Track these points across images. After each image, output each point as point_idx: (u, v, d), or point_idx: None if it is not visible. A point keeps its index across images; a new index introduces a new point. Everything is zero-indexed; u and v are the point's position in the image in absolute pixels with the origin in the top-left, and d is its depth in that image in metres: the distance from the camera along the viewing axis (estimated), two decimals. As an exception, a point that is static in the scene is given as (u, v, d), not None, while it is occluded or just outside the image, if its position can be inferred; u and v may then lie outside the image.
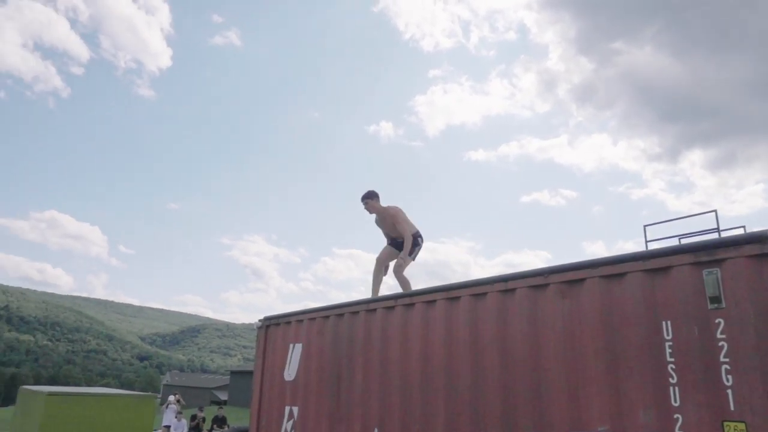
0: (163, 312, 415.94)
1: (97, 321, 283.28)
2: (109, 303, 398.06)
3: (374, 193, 6.27)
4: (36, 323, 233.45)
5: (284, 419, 6.07)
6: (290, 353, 6.31)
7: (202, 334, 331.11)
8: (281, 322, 6.69)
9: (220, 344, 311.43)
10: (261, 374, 6.75)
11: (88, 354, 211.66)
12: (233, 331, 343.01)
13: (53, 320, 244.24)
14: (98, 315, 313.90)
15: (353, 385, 5.29)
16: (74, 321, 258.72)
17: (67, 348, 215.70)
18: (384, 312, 5.20)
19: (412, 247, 6.14)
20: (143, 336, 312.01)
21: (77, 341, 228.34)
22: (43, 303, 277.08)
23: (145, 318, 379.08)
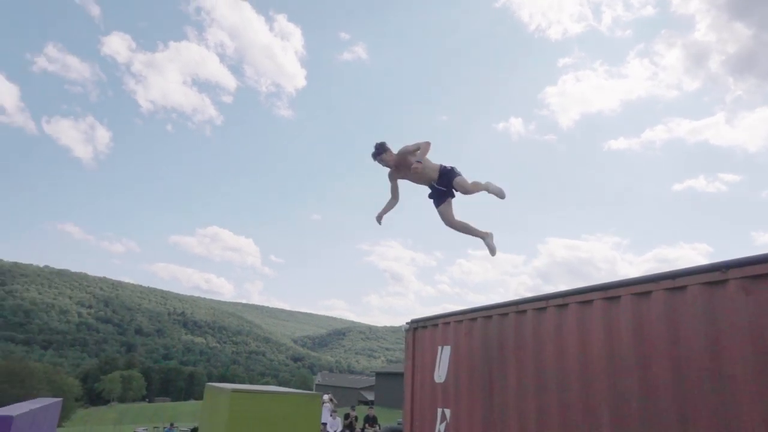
0: (312, 316, 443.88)
1: (255, 325, 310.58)
2: (264, 308, 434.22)
3: (383, 145, 5.04)
4: (206, 327, 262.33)
5: (437, 421, 6.12)
6: (439, 355, 6.35)
7: (348, 336, 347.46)
8: (428, 325, 6.76)
9: (365, 346, 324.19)
10: (411, 376, 6.88)
11: (250, 355, 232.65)
12: (376, 333, 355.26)
13: (220, 324, 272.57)
14: (256, 319, 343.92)
15: (506, 387, 5.17)
16: (237, 325, 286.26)
17: (232, 349, 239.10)
18: (535, 313, 5.02)
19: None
20: (295, 338, 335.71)
21: (240, 343, 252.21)
22: (211, 309, 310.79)
23: (295, 322, 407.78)
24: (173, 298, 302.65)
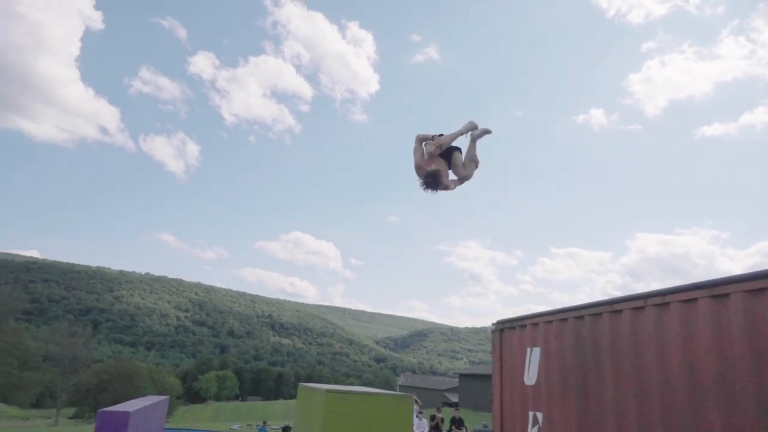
0: (393, 317, 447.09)
1: (338, 327, 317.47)
2: (347, 310, 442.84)
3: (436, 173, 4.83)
4: (292, 329, 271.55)
5: (529, 424, 5.95)
6: (528, 357, 6.18)
7: (429, 337, 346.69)
8: (516, 326, 6.60)
9: (446, 348, 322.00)
10: (500, 378, 6.74)
11: (334, 356, 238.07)
12: (457, 335, 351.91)
13: (305, 326, 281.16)
14: (339, 321, 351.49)
15: (603, 391, 4.93)
16: (321, 327, 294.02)
17: (317, 350, 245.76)
18: (632, 313, 4.75)
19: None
20: (377, 340, 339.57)
21: (324, 344, 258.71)
22: (296, 311, 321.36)
23: (377, 323, 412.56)
24: (261, 301, 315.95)
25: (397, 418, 3.20)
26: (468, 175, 4.99)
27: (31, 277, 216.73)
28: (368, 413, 3.09)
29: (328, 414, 2.94)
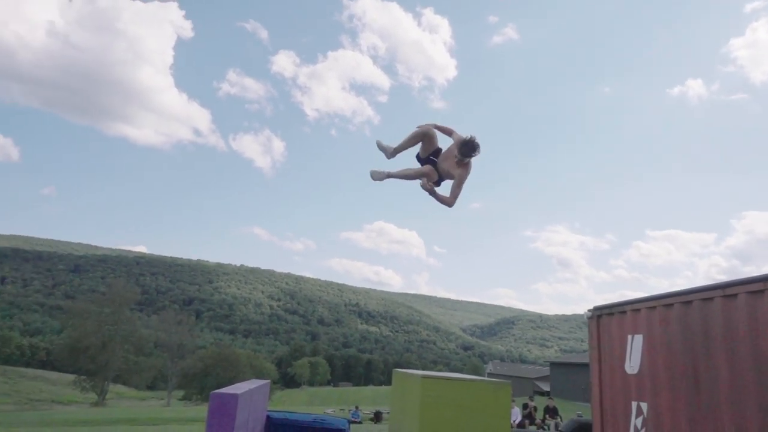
0: (479, 305, 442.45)
1: (424, 314, 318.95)
2: (432, 298, 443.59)
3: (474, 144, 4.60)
4: (379, 317, 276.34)
5: (632, 415, 5.66)
6: (630, 345, 5.86)
7: (517, 325, 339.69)
8: (615, 312, 6.28)
9: (535, 335, 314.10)
10: (598, 366, 6.46)
11: (422, 344, 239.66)
12: (546, 322, 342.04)
13: (391, 314, 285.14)
14: (425, 309, 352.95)
15: (717, 383, 4.58)
16: (407, 315, 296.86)
17: (404, 338, 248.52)
18: (748, 297, 4.36)
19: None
20: (464, 327, 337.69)
21: (411, 332, 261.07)
22: (382, 300, 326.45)
23: (463, 311, 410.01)
24: (348, 290, 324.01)
25: (495, 406, 3.15)
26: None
27: (140, 271, 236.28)
28: (465, 399, 3.07)
29: (425, 399, 2.95)
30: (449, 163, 4.63)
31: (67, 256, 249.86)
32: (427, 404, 2.96)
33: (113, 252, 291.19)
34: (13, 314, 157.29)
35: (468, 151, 4.46)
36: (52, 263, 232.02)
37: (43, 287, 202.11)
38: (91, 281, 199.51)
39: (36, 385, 76.52)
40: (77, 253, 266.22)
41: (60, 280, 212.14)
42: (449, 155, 4.64)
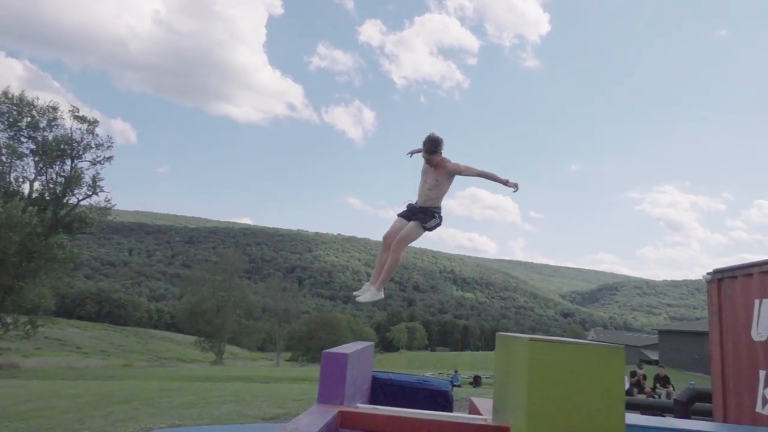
0: (579, 271, 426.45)
1: (521, 281, 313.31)
2: (529, 264, 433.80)
3: (442, 142, 4.23)
4: (474, 283, 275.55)
5: (759, 385, 5.22)
6: (757, 310, 5.37)
7: (621, 291, 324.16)
8: (739, 275, 5.77)
9: (642, 302, 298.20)
10: (719, 333, 6.00)
11: (518, 310, 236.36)
12: (654, 288, 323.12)
13: (486, 281, 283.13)
14: (521, 275, 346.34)
15: None
16: (503, 281, 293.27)
17: (501, 304, 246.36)
18: None
19: (437, 221, 4.29)
20: (563, 294, 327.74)
21: (508, 299, 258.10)
22: (477, 267, 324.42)
23: (562, 277, 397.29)
24: (442, 257, 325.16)
25: (607, 370, 3.01)
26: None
27: (246, 241, 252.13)
28: (576, 363, 2.96)
29: (533, 362, 2.89)
30: (427, 177, 4.33)
31: (182, 229, 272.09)
32: (535, 368, 2.89)
33: (222, 224, 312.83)
34: (140, 282, 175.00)
35: (429, 146, 4.12)
36: (170, 236, 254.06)
37: (164, 257, 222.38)
38: (203, 251, 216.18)
39: (163, 344, 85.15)
40: (191, 226, 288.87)
41: (177, 251, 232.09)
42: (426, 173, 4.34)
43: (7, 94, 29.89)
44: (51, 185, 31.30)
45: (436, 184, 4.27)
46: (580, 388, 2.94)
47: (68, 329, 71.54)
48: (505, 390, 3.32)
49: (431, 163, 4.22)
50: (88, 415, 7.40)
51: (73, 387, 12.17)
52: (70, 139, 31.32)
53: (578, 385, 2.95)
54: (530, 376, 2.92)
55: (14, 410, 8.31)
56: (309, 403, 7.69)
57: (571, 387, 2.93)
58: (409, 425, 3.13)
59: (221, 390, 10.54)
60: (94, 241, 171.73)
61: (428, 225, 4.13)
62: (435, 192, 4.30)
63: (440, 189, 4.26)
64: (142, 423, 6.54)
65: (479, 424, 3.21)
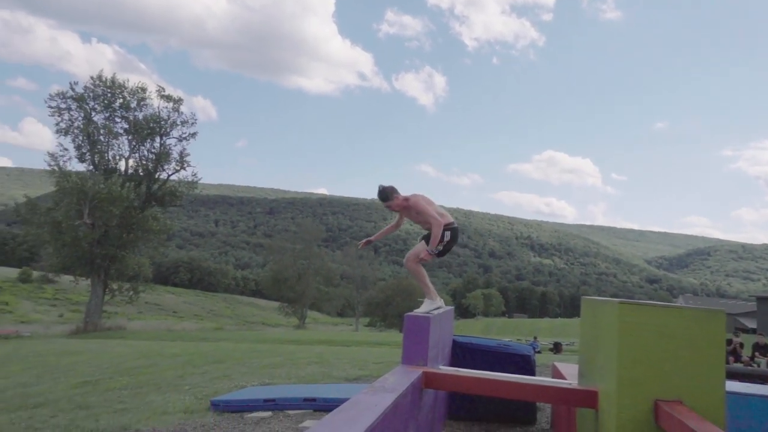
0: (666, 235, 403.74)
1: (602, 246, 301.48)
2: (610, 229, 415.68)
3: (389, 190, 4.54)
4: (552, 249, 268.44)
5: None
6: None
7: (714, 256, 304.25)
8: None
9: (737, 267, 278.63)
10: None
11: (600, 276, 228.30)
12: (752, 252, 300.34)
13: (565, 246, 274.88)
14: (602, 240, 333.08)
15: None
16: (583, 246, 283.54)
17: (581, 270, 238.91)
18: None
19: (439, 239, 4.37)
20: (648, 259, 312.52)
21: (588, 265, 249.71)
22: (555, 232, 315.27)
23: (647, 241, 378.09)
24: (518, 223, 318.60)
25: (706, 336, 2.86)
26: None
27: (323, 211, 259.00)
28: (671, 327, 2.83)
29: (623, 326, 2.80)
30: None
31: (262, 200, 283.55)
32: (626, 331, 2.81)
33: (299, 195, 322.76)
34: (226, 251, 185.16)
35: (380, 198, 4.56)
36: (251, 207, 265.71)
37: (247, 228, 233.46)
38: (283, 221, 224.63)
39: (249, 309, 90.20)
40: (270, 197, 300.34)
41: (259, 221, 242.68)
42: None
43: (101, 77, 32.00)
44: (143, 162, 33.45)
45: (415, 220, 4.70)
46: (675, 354, 2.82)
47: (165, 295, 77.37)
48: (592, 354, 3.24)
49: (392, 209, 4.60)
50: (187, 372, 8.03)
51: (173, 347, 13.22)
52: (158, 117, 33.16)
53: (673, 350, 2.83)
54: (621, 340, 2.84)
55: (125, 366, 9.17)
56: (389, 366, 7.90)
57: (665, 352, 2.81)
58: (494, 387, 3.15)
59: (305, 352, 11.04)
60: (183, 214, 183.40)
61: (429, 249, 4.40)
62: (421, 223, 4.67)
63: (420, 219, 4.61)
64: (235, 381, 7.01)
65: (565, 388, 3.17)
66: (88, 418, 5.14)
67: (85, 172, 30.92)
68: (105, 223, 29.66)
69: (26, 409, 5.89)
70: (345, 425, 1.72)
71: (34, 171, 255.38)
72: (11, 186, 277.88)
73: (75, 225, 29.11)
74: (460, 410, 5.05)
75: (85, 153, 31.30)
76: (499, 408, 4.99)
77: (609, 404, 2.74)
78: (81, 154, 31.28)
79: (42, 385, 7.78)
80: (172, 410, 5.28)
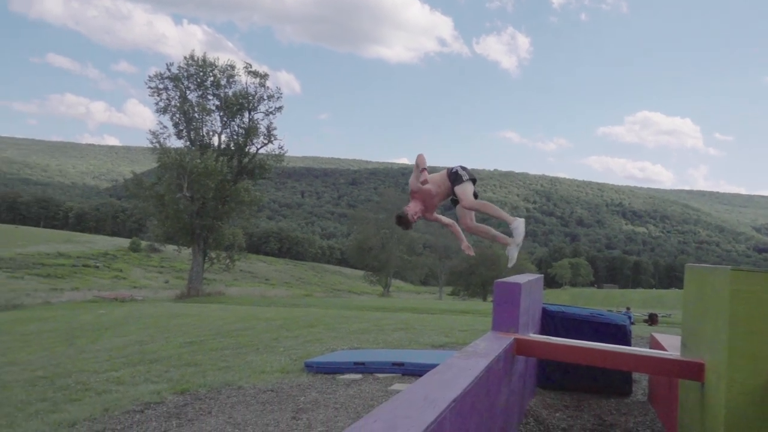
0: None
1: (703, 212, 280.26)
2: (713, 194, 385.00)
3: (401, 218, 4.10)
4: (647, 217, 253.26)
5: None
6: None
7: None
8: None
9: None
10: None
11: (700, 245, 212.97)
12: None
13: (661, 213, 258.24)
14: (703, 207, 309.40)
15: None
16: (681, 213, 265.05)
17: (678, 239, 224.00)
18: None
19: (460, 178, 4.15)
20: (757, 226, 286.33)
21: (687, 233, 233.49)
22: (650, 198, 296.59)
23: (756, 207, 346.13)
24: (609, 189, 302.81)
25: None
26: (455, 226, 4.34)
27: (405, 180, 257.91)
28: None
29: (736, 294, 2.60)
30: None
31: (345, 171, 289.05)
32: (738, 301, 2.62)
33: (381, 165, 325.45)
34: (313, 221, 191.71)
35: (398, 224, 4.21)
36: (335, 178, 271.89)
37: (332, 198, 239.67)
38: (366, 192, 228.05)
39: (336, 278, 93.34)
40: (353, 168, 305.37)
41: (343, 192, 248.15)
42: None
43: (193, 57, 33.69)
44: (234, 136, 35.10)
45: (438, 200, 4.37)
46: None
47: (257, 264, 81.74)
48: (699, 325, 3.05)
49: (414, 220, 4.18)
50: (281, 335, 8.49)
51: (267, 312, 13.99)
52: (246, 93, 34.50)
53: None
54: (732, 310, 2.64)
55: (226, 329, 9.86)
56: (474, 334, 7.90)
57: (783, 324, 2.59)
58: (588, 355, 3.07)
59: (391, 319, 11.28)
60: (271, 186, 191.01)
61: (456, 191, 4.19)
62: (438, 189, 4.26)
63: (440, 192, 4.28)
64: (326, 344, 7.32)
65: (669, 359, 3.02)
66: (197, 374, 5.60)
67: (182, 148, 33.01)
68: (202, 195, 31.64)
69: (144, 364, 6.51)
70: (441, 387, 1.74)
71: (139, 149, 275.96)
72: (120, 163, 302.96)
73: (176, 198, 31.32)
74: (550, 379, 4.98)
75: (182, 130, 33.34)
76: (592, 378, 4.86)
77: (718, 377, 2.58)
78: (179, 131, 33.36)
79: (155, 343, 8.56)
80: (269, 370, 5.62)
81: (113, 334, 10.78)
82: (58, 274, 52.82)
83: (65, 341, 10.22)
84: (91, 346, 9.10)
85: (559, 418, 4.20)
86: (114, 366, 6.57)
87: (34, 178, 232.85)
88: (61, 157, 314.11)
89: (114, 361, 6.95)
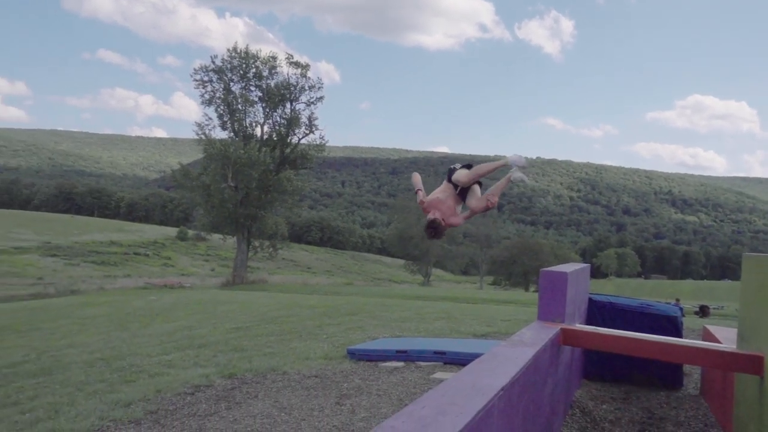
0: None
1: (759, 200, 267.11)
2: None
3: (436, 219, 3.98)
4: (698, 205, 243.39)
5: None
6: None
7: None
8: None
9: None
10: None
11: (756, 235, 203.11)
12: None
13: (713, 202, 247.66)
14: (761, 194, 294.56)
15: None
16: (735, 202, 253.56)
17: (732, 228, 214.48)
18: None
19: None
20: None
21: (741, 222, 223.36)
22: (701, 186, 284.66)
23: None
24: (657, 176, 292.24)
25: None
26: (477, 209, 4.15)
27: (444, 169, 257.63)
28: None
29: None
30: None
31: (385, 161, 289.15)
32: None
33: (421, 154, 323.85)
34: (353, 210, 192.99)
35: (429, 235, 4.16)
36: (375, 167, 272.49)
37: (372, 188, 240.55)
38: (406, 181, 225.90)
39: (376, 267, 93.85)
40: (393, 157, 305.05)
41: (383, 181, 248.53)
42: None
43: (236, 49, 34.28)
44: (276, 127, 35.62)
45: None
46: None
47: (299, 252, 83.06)
48: (758, 316, 2.92)
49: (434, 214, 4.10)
50: (324, 323, 8.62)
51: (310, 300, 14.23)
52: (288, 84, 34.89)
53: None
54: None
55: (270, 315, 10.09)
56: (517, 324, 7.80)
57: None
58: (638, 346, 2.98)
59: (432, 308, 11.28)
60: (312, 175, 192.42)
61: (453, 181, 4.16)
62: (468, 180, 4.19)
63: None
64: (368, 332, 7.39)
65: (725, 351, 2.91)
66: (243, 359, 5.76)
67: (227, 138, 33.74)
68: (246, 185, 32.31)
69: (193, 349, 6.74)
70: (488, 376, 1.73)
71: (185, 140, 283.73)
72: (167, 154, 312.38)
73: (221, 188, 32.10)
74: (596, 370, 4.88)
75: (226, 121, 34.05)
76: (641, 370, 4.73)
77: (779, 371, 2.47)
78: (223, 123, 34.09)
79: (203, 328, 8.84)
80: (313, 356, 5.72)
81: (163, 319, 11.19)
82: (111, 262, 55.19)
83: (119, 325, 10.68)
84: (143, 331, 9.48)
85: (605, 410, 4.12)
86: (165, 350, 6.82)
87: (88, 169, 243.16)
88: (112, 149, 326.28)
89: (165, 345, 7.21)
